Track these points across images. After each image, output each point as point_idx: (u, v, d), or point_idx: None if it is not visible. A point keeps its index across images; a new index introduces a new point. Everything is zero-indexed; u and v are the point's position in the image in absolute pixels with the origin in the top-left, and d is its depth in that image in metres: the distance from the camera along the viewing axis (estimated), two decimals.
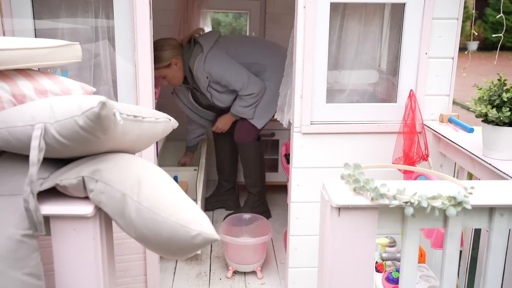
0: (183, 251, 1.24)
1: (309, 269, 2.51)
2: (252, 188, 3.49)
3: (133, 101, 2.19)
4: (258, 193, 3.50)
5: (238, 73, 3.09)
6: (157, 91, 3.13)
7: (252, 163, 3.41)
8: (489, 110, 1.74)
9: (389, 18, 2.46)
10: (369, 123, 2.35)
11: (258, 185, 3.48)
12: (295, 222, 2.45)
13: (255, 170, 3.44)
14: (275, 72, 3.16)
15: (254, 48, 3.26)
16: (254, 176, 3.46)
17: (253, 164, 3.42)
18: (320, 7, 2.20)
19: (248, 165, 3.43)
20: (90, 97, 1.24)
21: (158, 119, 1.48)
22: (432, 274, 2.07)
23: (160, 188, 1.27)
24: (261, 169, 3.48)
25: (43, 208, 1.26)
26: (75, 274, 1.32)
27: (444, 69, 2.33)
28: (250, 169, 3.44)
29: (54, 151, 1.28)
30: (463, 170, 2.08)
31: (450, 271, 1.27)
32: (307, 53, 2.23)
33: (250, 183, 3.48)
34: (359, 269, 1.24)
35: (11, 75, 1.43)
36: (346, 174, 1.24)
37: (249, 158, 3.40)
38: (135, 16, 2.08)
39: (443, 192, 1.19)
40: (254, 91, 3.12)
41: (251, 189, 3.49)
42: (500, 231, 1.24)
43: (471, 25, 8.05)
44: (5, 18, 2.10)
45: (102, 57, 2.28)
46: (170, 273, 2.86)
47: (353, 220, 1.20)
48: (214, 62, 3.07)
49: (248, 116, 3.24)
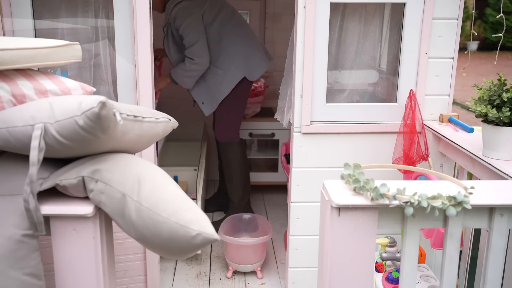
0: (183, 251, 1.24)
1: (309, 269, 2.51)
2: (233, 195, 3.32)
3: (133, 101, 2.19)
4: (239, 201, 3.31)
5: (195, 32, 2.93)
6: (157, 91, 3.13)
7: (233, 166, 3.26)
8: (489, 110, 1.74)
9: (389, 18, 2.46)
10: (369, 123, 2.35)
11: (238, 192, 3.30)
12: (295, 222, 2.45)
13: (235, 174, 3.28)
14: (232, 67, 3.05)
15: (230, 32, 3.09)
16: (236, 181, 3.29)
17: (234, 166, 3.26)
18: (320, 7, 2.20)
19: (228, 168, 3.28)
20: (90, 97, 1.23)
21: (158, 119, 1.48)
22: (432, 274, 2.07)
23: (160, 188, 1.27)
24: (243, 173, 3.31)
25: (43, 208, 1.26)
26: (75, 274, 1.32)
27: (444, 69, 2.33)
28: (230, 172, 3.28)
29: (54, 151, 1.28)
30: (463, 170, 2.08)
31: (450, 271, 1.27)
32: (307, 53, 2.23)
33: (231, 188, 3.31)
34: (359, 269, 1.24)
35: (11, 75, 1.43)
36: (346, 174, 1.24)
37: (229, 159, 3.26)
38: (135, 16, 2.08)
39: (443, 192, 1.19)
40: (196, 59, 2.95)
41: (231, 195, 3.33)
42: (500, 231, 1.24)
43: (471, 25, 8.06)
44: (5, 18, 2.10)
45: (102, 57, 2.28)
46: (170, 273, 2.86)
47: (353, 220, 1.20)
48: (183, 11, 2.94)
49: (182, 84, 3.06)
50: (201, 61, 2.99)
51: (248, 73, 3.12)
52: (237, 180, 3.30)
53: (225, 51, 3.07)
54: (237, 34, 3.11)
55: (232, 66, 3.07)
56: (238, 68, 3.08)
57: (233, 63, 3.07)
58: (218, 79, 3.09)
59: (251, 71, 3.13)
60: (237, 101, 3.20)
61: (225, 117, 3.23)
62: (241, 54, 3.09)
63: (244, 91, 3.21)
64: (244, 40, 3.12)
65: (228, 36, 3.07)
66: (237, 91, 3.15)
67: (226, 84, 3.09)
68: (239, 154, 3.29)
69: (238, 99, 3.21)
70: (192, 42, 2.95)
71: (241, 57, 3.09)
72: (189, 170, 3.45)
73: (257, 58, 3.14)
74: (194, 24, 2.95)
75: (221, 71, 3.09)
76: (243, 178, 3.33)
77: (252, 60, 3.13)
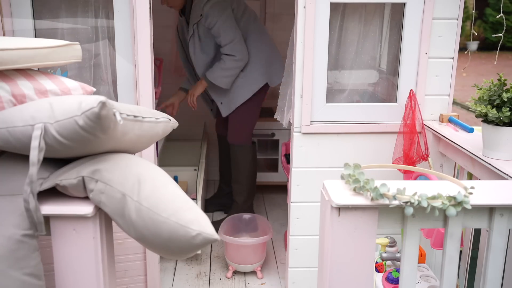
0: (183, 251, 1.24)
1: (309, 269, 2.51)
2: (238, 196, 3.33)
3: (133, 101, 2.19)
4: (243, 203, 3.33)
5: (231, 28, 2.92)
6: (157, 91, 3.13)
7: (242, 168, 3.27)
8: (489, 110, 1.74)
9: (389, 18, 2.46)
10: (369, 123, 2.35)
11: (244, 194, 3.31)
12: (295, 222, 2.45)
13: (244, 177, 3.28)
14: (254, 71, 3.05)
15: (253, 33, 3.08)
16: (243, 183, 3.30)
17: (243, 169, 3.27)
18: (320, 7, 2.20)
19: (237, 169, 3.29)
20: (90, 97, 1.23)
21: (158, 119, 1.48)
22: (432, 274, 2.07)
23: (160, 188, 1.27)
24: (251, 177, 3.32)
25: (43, 208, 1.26)
26: (75, 274, 1.32)
27: (444, 69, 2.33)
28: (239, 174, 3.29)
29: (54, 151, 1.28)
30: (463, 170, 2.08)
31: (450, 271, 1.27)
32: (307, 53, 2.23)
33: (237, 190, 3.32)
34: (359, 269, 1.24)
35: (11, 75, 1.43)
36: (346, 174, 1.24)
37: (239, 161, 3.27)
38: (135, 16, 2.08)
39: (443, 192, 1.19)
40: (237, 55, 2.94)
41: (237, 197, 3.34)
42: (500, 231, 1.24)
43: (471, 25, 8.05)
44: (5, 18, 2.10)
45: (102, 57, 2.28)
46: (170, 273, 2.86)
47: (353, 220, 1.20)
48: (216, 7, 2.91)
49: (221, 84, 3.02)
50: (243, 57, 2.97)
51: (269, 78, 3.13)
52: (245, 182, 3.31)
53: (249, 53, 3.05)
54: (260, 37, 3.10)
55: (254, 70, 3.07)
56: (260, 73, 3.08)
57: (255, 67, 3.07)
58: (239, 81, 3.07)
59: (273, 76, 3.14)
60: (254, 105, 3.21)
61: (241, 121, 3.22)
62: (263, 58, 3.09)
63: (263, 96, 3.23)
64: (266, 44, 3.13)
65: (252, 37, 3.07)
66: (257, 96, 3.16)
67: (248, 88, 3.09)
68: (250, 157, 3.29)
69: (256, 104, 3.22)
70: (231, 38, 2.93)
71: (263, 61, 3.09)
72: (189, 170, 3.45)
73: (277, 64, 3.15)
74: (230, 20, 2.94)
75: (242, 74, 3.06)
76: (251, 181, 3.34)
77: (273, 65, 3.13)
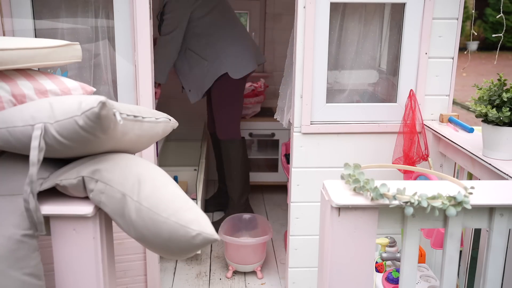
0: (183, 251, 1.24)
1: (309, 269, 2.51)
2: (232, 193, 3.35)
3: (133, 101, 2.19)
4: (238, 199, 3.35)
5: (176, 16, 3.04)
6: (157, 91, 3.14)
7: (234, 164, 3.30)
8: (489, 110, 1.74)
9: (389, 18, 2.46)
10: (369, 123, 2.35)
11: (238, 190, 3.34)
12: (295, 222, 2.45)
13: (236, 172, 3.31)
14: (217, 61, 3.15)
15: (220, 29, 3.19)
16: (236, 179, 3.32)
17: (235, 164, 3.30)
18: (320, 7, 2.20)
19: (229, 165, 3.32)
20: (90, 97, 1.23)
21: (158, 119, 1.48)
22: (432, 274, 2.07)
23: (160, 188, 1.27)
24: (244, 172, 3.34)
25: (43, 208, 1.26)
26: (75, 274, 1.32)
27: (444, 69, 2.33)
28: (231, 170, 3.31)
29: (54, 151, 1.28)
30: (463, 170, 2.08)
31: (450, 271, 1.27)
32: (307, 53, 2.23)
33: (231, 186, 3.35)
34: (359, 269, 1.24)
35: (11, 75, 1.43)
36: (346, 174, 1.24)
37: (231, 157, 3.29)
38: (135, 16, 2.08)
39: (443, 192, 1.19)
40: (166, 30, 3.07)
41: (232, 193, 3.36)
42: (500, 231, 1.24)
43: (471, 25, 8.05)
44: (5, 18, 2.10)
45: (102, 57, 2.28)
46: (170, 273, 2.86)
47: (353, 220, 1.20)
48: (173, 5, 3.03)
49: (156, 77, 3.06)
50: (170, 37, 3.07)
51: (231, 70, 3.17)
52: (238, 178, 3.33)
53: (213, 46, 3.16)
54: (228, 33, 3.19)
55: (217, 60, 3.16)
56: (222, 64, 3.16)
57: (218, 57, 3.16)
58: (204, 70, 3.19)
59: (234, 69, 3.19)
60: (228, 98, 3.25)
61: (221, 114, 3.27)
62: (227, 51, 3.17)
63: (233, 88, 3.24)
64: (233, 40, 3.20)
65: (218, 32, 3.16)
66: (224, 87, 3.21)
67: (210, 76, 3.19)
68: (241, 152, 3.31)
69: (229, 96, 3.25)
70: (165, 32, 3.06)
71: (226, 54, 3.16)
72: (189, 170, 3.45)
73: (244, 59, 3.21)
74: (181, 13, 3.05)
75: (207, 63, 3.18)
76: (244, 176, 3.36)
77: (239, 59, 3.19)
